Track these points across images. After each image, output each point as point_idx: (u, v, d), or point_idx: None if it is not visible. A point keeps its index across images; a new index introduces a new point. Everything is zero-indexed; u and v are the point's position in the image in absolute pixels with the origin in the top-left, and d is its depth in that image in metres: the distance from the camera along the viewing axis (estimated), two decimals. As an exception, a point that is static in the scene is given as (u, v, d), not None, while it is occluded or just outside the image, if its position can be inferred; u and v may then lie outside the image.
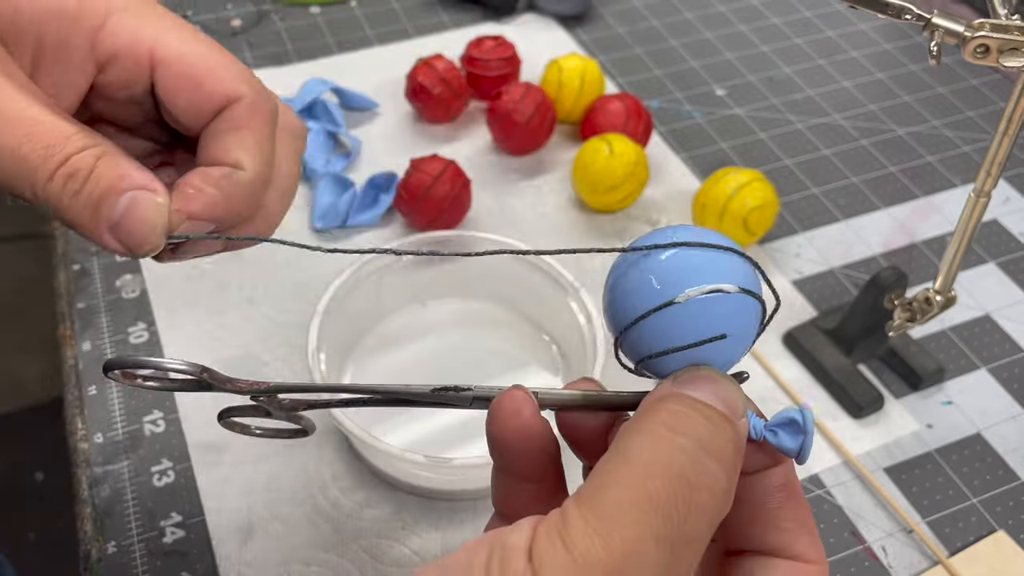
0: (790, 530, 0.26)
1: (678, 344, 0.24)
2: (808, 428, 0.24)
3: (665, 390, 0.24)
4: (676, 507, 0.21)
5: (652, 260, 0.25)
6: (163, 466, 0.50)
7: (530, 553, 0.21)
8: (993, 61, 0.38)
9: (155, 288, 0.58)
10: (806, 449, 0.25)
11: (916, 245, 0.64)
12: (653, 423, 0.23)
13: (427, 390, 0.27)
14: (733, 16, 0.85)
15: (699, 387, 0.24)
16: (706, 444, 0.23)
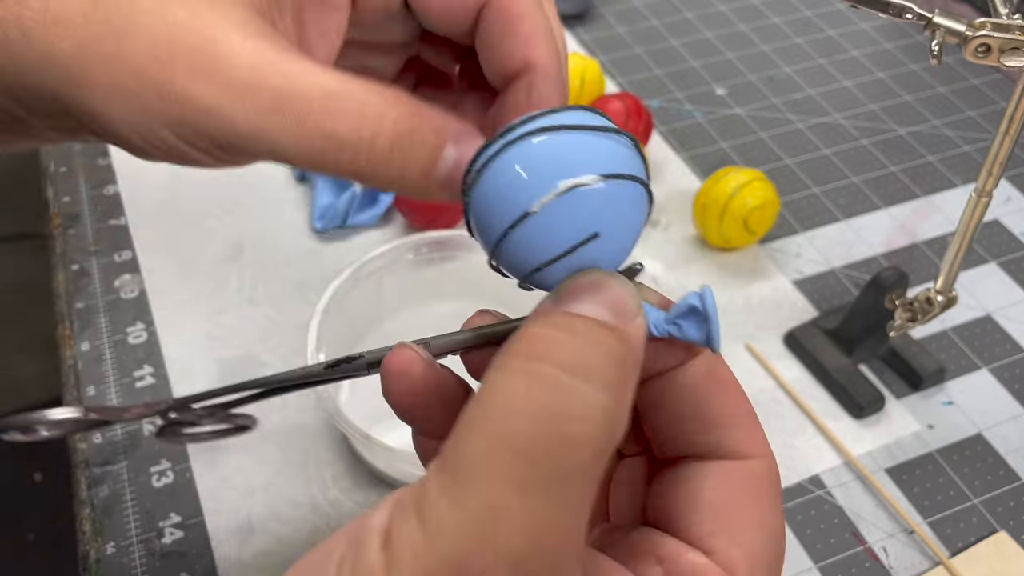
0: (721, 425, 0.24)
1: (546, 258, 0.22)
2: (710, 312, 0.22)
3: (544, 309, 0.22)
4: (543, 447, 0.18)
5: (502, 163, 0.22)
6: (162, 466, 0.50)
7: (386, 535, 0.18)
8: (994, 61, 0.38)
9: (154, 288, 0.58)
10: (713, 335, 0.22)
11: (917, 245, 0.64)
12: (509, 356, 0.20)
13: (320, 367, 0.26)
14: (733, 15, 0.85)
15: (578, 298, 0.21)
16: (573, 365, 0.19)
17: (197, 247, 0.61)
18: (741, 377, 0.59)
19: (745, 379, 0.55)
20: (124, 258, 0.60)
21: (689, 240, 0.63)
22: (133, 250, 0.61)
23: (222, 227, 0.62)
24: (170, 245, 0.61)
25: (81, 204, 0.64)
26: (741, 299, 0.59)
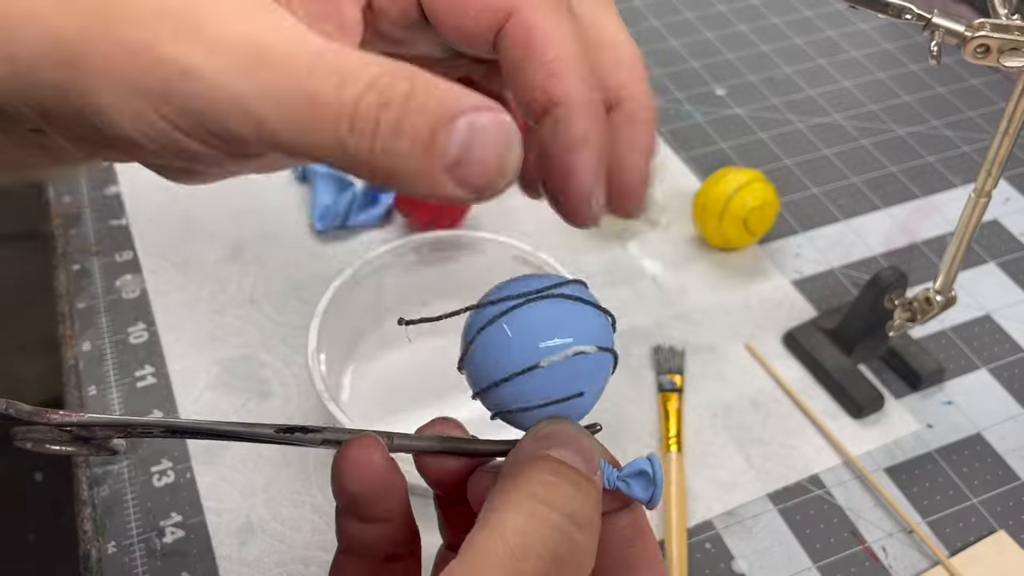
0: (639, 568, 0.26)
1: (537, 402, 0.25)
2: (658, 479, 0.25)
3: (530, 450, 0.24)
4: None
5: (513, 320, 0.25)
6: (163, 466, 0.50)
7: None
8: (993, 61, 0.38)
9: (155, 288, 0.58)
10: (656, 497, 0.25)
11: (916, 245, 0.64)
12: (524, 495, 0.23)
13: (271, 430, 0.26)
14: (733, 16, 0.85)
15: (562, 446, 0.24)
16: (576, 516, 0.23)
17: (198, 247, 0.61)
18: (740, 377, 0.59)
19: (744, 379, 0.55)
20: (125, 258, 0.60)
21: (689, 240, 0.63)
22: (134, 250, 0.61)
23: (223, 227, 0.62)
24: (171, 245, 0.61)
25: (82, 204, 0.64)
26: (741, 299, 0.59)
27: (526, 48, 0.24)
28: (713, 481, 0.50)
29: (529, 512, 0.22)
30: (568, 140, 0.24)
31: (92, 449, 0.27)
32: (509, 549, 0.22)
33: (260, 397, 0.53)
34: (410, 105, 0.21)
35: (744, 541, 0.48)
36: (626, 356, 0.56)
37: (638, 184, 0.26)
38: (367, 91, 0.21)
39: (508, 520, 0.22)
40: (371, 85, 0.21)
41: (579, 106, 0.24)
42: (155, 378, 0.54)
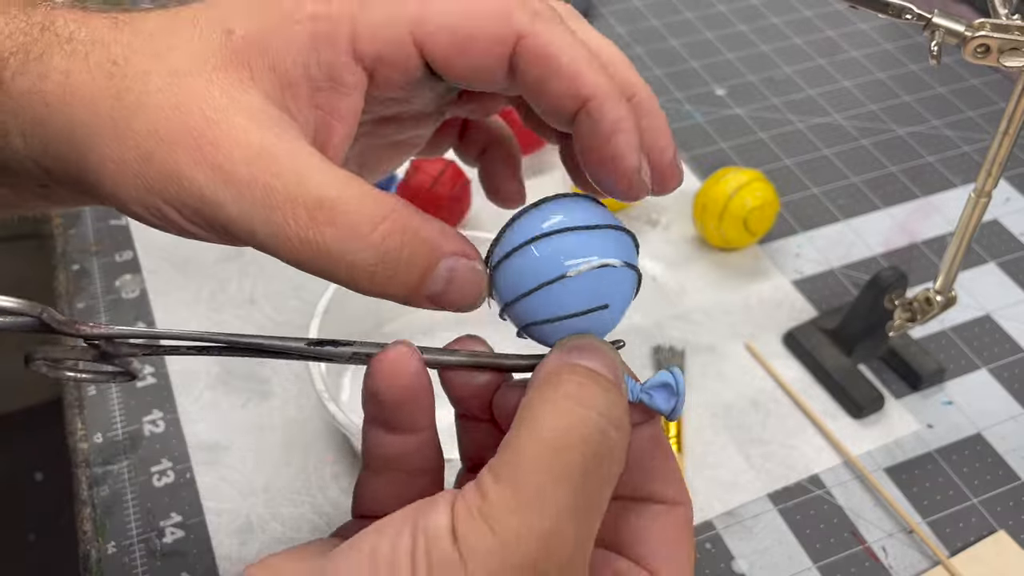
0: (661, 478, 0.28)
1: (563, 313, 0.26)
2: (680, 390, 0.27)
3: (559, 360, 0.25)
4: (589, 480, 0.23)
5: (540, 245, 0.26)
6: (163, 466, 0.50)
7: (454, 534, 0.22)
8: (993, 61, 0.38)
9: (155, 288, 0.58)
10: (677, 409, 0.27)
11: (916, 245, 0.64)
12: (559, 395, 0.24)
13: (302, 343, 0.27)
14: (733, 16, 0.85)
15: (590, 357, 0.25)
16: (609, 414, 0.24)
17: (197, 247, 0.61)
18: (740, 377, 0.59)
19: (744, 379, 0.55)
20: (125, 258, 0.60)
21: (689, 240, 0.63)
22: (134, 250, 0.61)
23: (222, 227, 0.62)
24: (171, 245, 0.61)
25: (81, 204, 0.64)
26: (741, 299, 0.59)
27: (544, 63, 0.26)
28: (713, 481, 0.50)
29: (566, 411, 0.23)
30: (607, 127, 0.26)
31: (110, 375, 0.28)
32: (548, 444, 0.23)
33: (260, 397, 0.53)
34: (403, 256, 0.25)
35: (744, 541, 0.48)
36: (626, 356, 0.56)
37: (671, 161, 0.28)
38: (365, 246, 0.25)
39: (546, 419, 0.23)
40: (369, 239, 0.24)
41: (608, 95, 0.26)
42: (155, 378, 0.54)
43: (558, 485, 0.22)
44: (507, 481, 0.22)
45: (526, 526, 0.21)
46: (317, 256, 0.24)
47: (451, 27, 0.26)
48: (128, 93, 0.25)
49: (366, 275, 0.25)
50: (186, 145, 0.24)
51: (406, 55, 0.27)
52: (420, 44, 0.26)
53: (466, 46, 0.26)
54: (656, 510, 0.28)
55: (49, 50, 0.26)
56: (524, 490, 0.22)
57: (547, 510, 0.22)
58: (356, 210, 0.24)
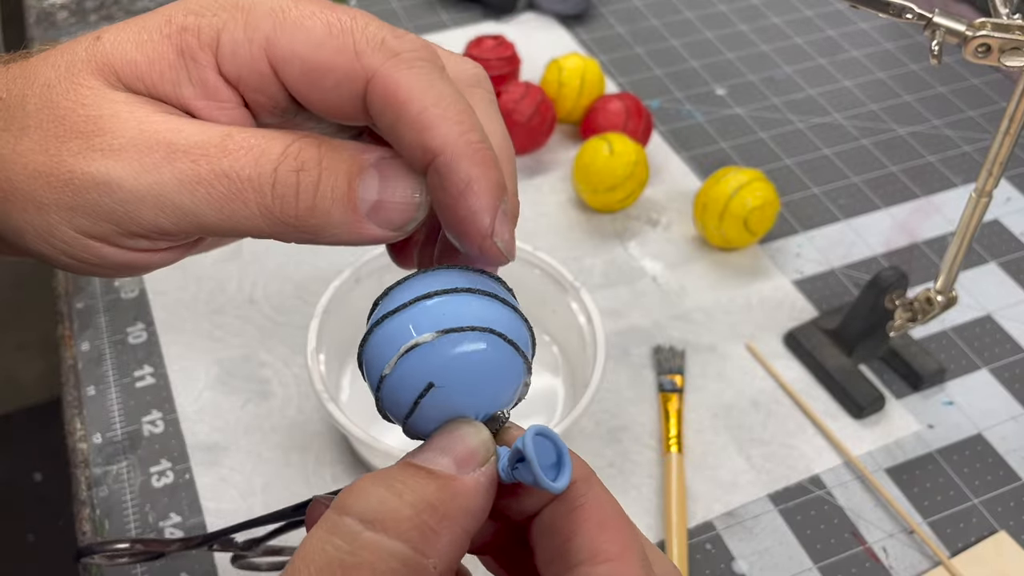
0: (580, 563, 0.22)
1: (403, 411, 0.23)
2: (530, 454, 0.22)
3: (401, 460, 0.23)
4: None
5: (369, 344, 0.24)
6: (162, 467, 0.50)
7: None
8: (994, 60, 0.38)
9: (154, 288, 0.58)
10: (539, 478, 0.21)
11: (917, 245, 0.64)
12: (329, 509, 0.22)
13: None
14: (733, 15, 0.85)
15: (426, 448, 0.23)
16: (370, 515, 0.21)
17: (197, 247, 0.61)
18: (741, 377, 0.59)
19: (745, 379, 0.55)
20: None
21: (689, 240, 0.63)
22: (133, 250, 0.61)
23: (222, 227, 0.62)
24: (170, 245, 0.61)
25: (81, 204, 0.64)
26: (741, 299, 0.59)
27: (394, 108, 0.23)
28: (713, 481, 0.50)
29: (323, 521, 0.21)
30: (455, 187, 0.23)
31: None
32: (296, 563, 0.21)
33: (260, 397, 0.53)
34: (323, 164, 0.23)
35: (744, 542, 0.48)
36: (626, 356, 0.56)
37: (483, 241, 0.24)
38: (283, 159, 0.23)
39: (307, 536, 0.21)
40: (285, 153, 0.23)
41: (457, 150, 0.23)
42: (154, 378, 0.54)
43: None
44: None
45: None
46: (234, 191, 0.22)
47: (301, 57, 0.24)
48: (14, 119, 0.24)
49: (291, 188, 0.22)
50: (71, 143, 0.23)
51: (265, 81, 0.24)
52: (276, 71, 0.24)
53: (317, 79, 0.24)
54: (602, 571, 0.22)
55: None
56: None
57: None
58: (262, 136, 0.23)
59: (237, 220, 0.23)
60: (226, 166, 0.22)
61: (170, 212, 0.23)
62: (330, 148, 0.23)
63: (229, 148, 0.23)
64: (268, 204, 0.23)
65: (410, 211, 0.24)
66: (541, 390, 0.53)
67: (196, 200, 0.23)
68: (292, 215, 0.23)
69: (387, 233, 0.24)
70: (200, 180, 0.22)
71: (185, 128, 0.23)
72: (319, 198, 0.23)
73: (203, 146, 0.23)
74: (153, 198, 0.23)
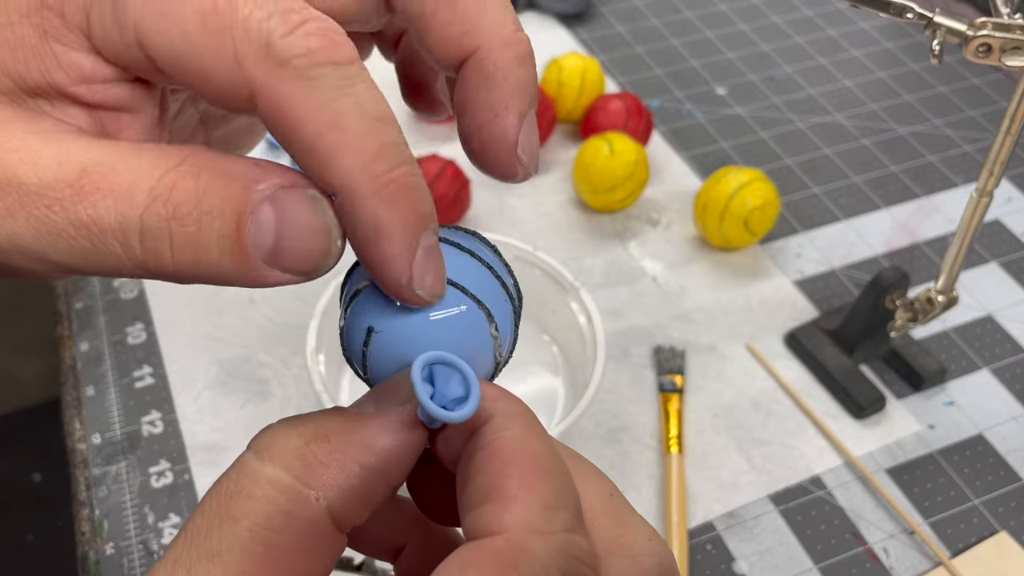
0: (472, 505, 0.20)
1: (356, 359, 0.23)
2: (415, 379, 0.20)
3: None
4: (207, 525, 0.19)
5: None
6: (161, 467, 0.50)
7: None
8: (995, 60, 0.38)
9: (153, 288, 0.58)
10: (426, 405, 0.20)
11: (918, 245, 0.64)
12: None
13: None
14: (734, 15, 0.84)
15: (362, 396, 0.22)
16: (260, 446, 0.20)
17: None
18: (741, 378, 0.59)
19: (745, 379, 0.55)
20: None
21: (690, 240, 0.63)
22: (132, 250, 0.61)
23: (221, 227, 0.62)
24: (169, 245, 0.61)
25: (80, 204, 0.64)
26: (741, 299, 0.59)
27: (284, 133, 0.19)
28: (714, 482, 0.50)
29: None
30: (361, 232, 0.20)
31: None
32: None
33: (259, 398, 0.53)
34: (203, 206, 0.18)
35: (745, 542, 0.48)
36: (626, 356, 0.56)
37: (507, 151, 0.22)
38: (150, 203, 0.18)
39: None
40: (153, 194, 0.18)
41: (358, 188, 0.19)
42: (153, 378, 0.53)
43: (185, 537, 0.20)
44: None
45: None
46: (97, 243, 0.19)
47: (176, 56, 0.19)
48: None
49: (164, 241, 0.18)
50: None
51: (152, 72, 0.20)
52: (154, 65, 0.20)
53: (199, 85, 0.19)
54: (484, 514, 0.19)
55: None
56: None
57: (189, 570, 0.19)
58: (133, 166, 0.19)
59: (111, 271, 0.19)
60: (83, 215, 0.18)
61: (38, 262, 0.19)
62: (213, 179, 0.19)
63: (85, 190, 0.18)
64: (137, 256, 0.19)
65: (317, 256, 0.19)
66: (541, 390, 0.53)
67: (60, 252, 0.19)
68: (172, 269, 0.19)
69: (292, 278, 0.20)
70: (57, 231, 0.19)
71: (40, 159, 0.19)
72: (200, 247, 0.19)
73: (56, 187, 0.19)
74: (14, 247, 0.19)
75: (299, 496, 0.19)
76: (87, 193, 0.18)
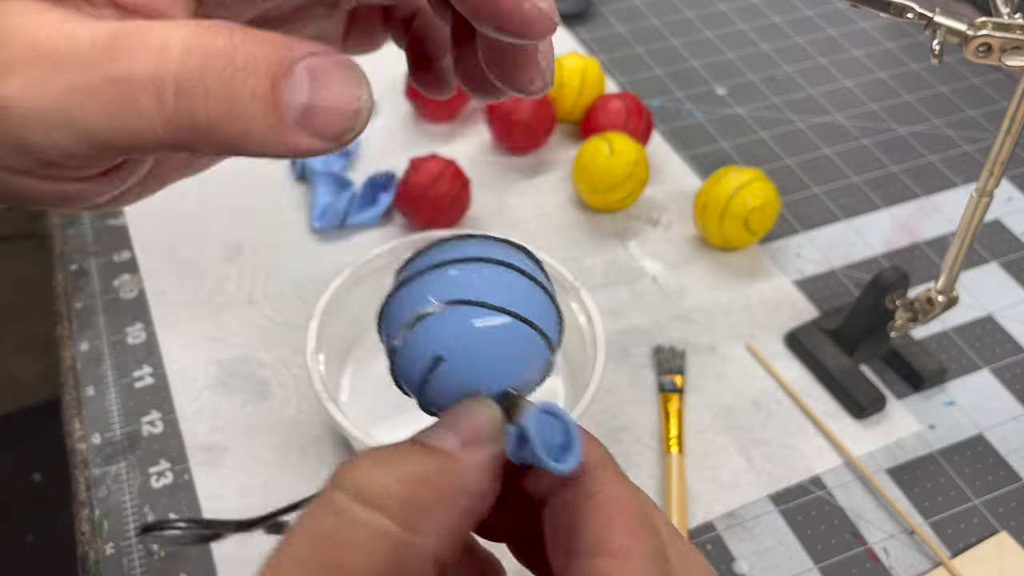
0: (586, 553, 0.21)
1: (414, 385, 0.22)
2: (531, 434, 0.21)
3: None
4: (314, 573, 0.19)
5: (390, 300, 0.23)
6: (161, 467, 0.50)
7: None
8: (995, 60, 0.38)
9: (153, 288, 0.58)
10: (539, 458, 0.21)
11: (918, 245, 0.64)
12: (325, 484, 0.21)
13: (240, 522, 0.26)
14: (734, 15, 0.84)
15: (431, 427, 0.22)
16: (360, 490, 0.20)
17: (196, 247, 0.61)
18: (741, 378, 0.59)
19: (745, 379, 0.55)
20: (123, 258, 0.60)
21: (689, 240, 0.63)
22: (132, 250, 0.61)
23: (221, 227, 0.62)
24: (169, 245, 0.61)
25: (80, 204, 0.63)
26: (741, 299, 0.59)
27: None
28: (714, 482, 0.50)
29: (319, 497, 0.20)
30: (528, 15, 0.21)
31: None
32: (291, 536, 0.20)
33: (259, 398, 0.53)
34: (239, 61, 0.19)
35: (745, 542, 0.48)
36: (626, 356, 0.56)
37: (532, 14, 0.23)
38: (186, 56, 0.18)
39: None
40: (188, 48, 0.18)
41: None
42: (153, 378, 0.53)
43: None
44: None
45: None
46: (127, 97, 0.19)
47: None
48: None
49: (199, 93, 0.18)
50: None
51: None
52: None
53: None
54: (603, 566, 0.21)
55: None
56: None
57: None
58: (161, 28, 0.19)
59: (135, 132, 0.19)
60: (116, 68, 0.19)
61: (63, 129, 0.19)
62: (247, 38, 0.19)
63: (121, 47, 0.19)
64: (170, 111, 0.19)
65: (348, 118, 0.20)
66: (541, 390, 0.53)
67: (85, 112, 0.19)
68: (202, 122, 0.19)
69: (321, 144, 0.20)
70: (90, 89, 0.19)
71: (77, 31, 0.19)
72: (234, 102, 0.19)
73: (91, 49, 0.19)
74: (44, 114, 0.19)
75: (409, 547, 0.20)
76: (121, 50, 0.19)
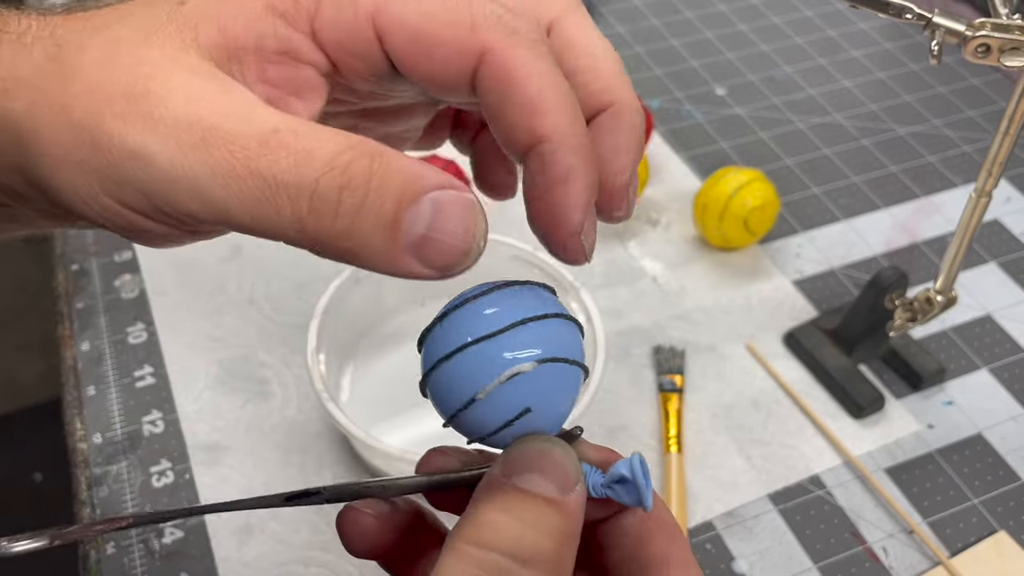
0: (654, 566, 0.25)
1: (486, 432, 0.24)
2: (639, 481, 0.23)
3: (494, 478, 0.23)
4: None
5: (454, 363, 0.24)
6: (162, 467, 0.50)
7: None
8: (994, 60, 0.38)
9: (154, 288, 0.58)
10: (644, 500, 0.23)
11: (917, 245, 0.64)
12: (462, 540, 0.22)
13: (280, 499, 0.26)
14: (733, 15, 0.85)
15: (524, 470, 0.23)
16: (518, 551, 0.21)
17: (197, 247, 0.61)
18: (741, 377, 0.59)
19: (745, 379, 0.55)
20: (124, 258, 0.60)
21: (689, 240, 0.63)
22: (133, 250, 0.61)
23: (222, 227, 0.62)
24: (170, 245, 0.61)
25: (81, 204, 0.64)
26: (741, 299, 0.59)
27: (505, 88, 0.23)
28: (713, 481, 0.50)
29: (467, 558, 0.21)
30: (555, 174, 0.23)
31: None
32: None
33: (259, 398, 0.53)
34: (372, 184, 0.20)
35: (744, 542, 0.48)
36: (626, 356, 0.56)
37: (622, 187, 0.25)
38: (327, 170, 0.20)
39: (444, 566, 0.21)
40: (331, 164, 0.20)
41: (565, 140, 0.23)
42: (154, 378, 0.54)
43: None
44: None
45: None
46: (268, 194, 0.20)
47: (410, 26, 0.23)
48: (66, 67, 0.22)
49: (331, 207, 0.20)
50: (116, 105, 0.21)
51: (367, 47, 0.24)
52: (380, 38, 0.24)
53: (425, 51, 0.23)
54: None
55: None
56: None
57: None
58: (316, 137, 0.21)
59: (268, 224, 0.21)
60: (264, 165, 0.20)
61: (200, 201, 0.21)
62: (385, 164, 0.21)
63: (271, 146, 0.20)
64: (302, 217, 0.21)
65: (460, 254, 0.21)
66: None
67: (228, 195, 0.21)
68: (326, 234, 0.21)
69: (429, 272, 0.21)
70: (234, 175, 0.20)
71: (235, 113, 0.21)
72: (359, 220, 0.20)
73: (245, 137, 0.21)
74: (186, 182, 0.21)
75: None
76: (272, 149, 0.20)
